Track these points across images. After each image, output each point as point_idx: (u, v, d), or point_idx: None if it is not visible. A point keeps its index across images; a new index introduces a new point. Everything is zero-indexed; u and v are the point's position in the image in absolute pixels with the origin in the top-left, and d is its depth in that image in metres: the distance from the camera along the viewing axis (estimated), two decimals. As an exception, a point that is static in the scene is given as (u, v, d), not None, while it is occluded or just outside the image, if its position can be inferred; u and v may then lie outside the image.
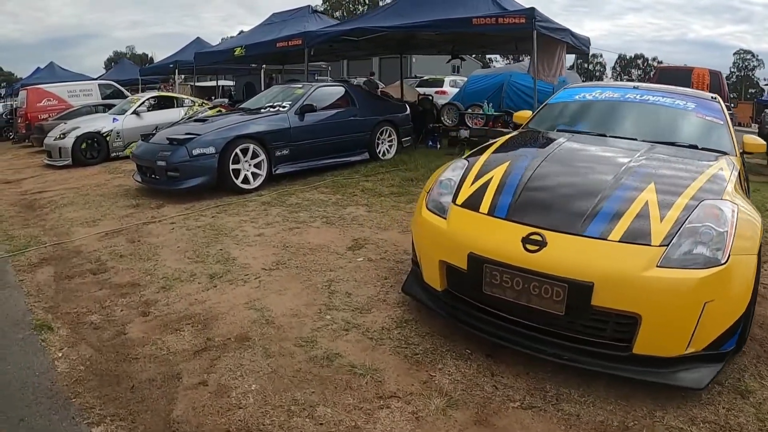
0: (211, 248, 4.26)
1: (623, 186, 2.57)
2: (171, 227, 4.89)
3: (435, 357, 2.60)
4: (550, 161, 2.94)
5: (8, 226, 5.27)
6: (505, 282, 2.35)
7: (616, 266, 2.19)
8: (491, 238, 2.47)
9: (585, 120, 3.91)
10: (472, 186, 2.79)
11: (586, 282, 2.16)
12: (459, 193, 2.77)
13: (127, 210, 5.59)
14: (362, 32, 8.75)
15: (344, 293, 3.35)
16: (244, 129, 6.11)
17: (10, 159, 11.09)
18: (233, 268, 3.84)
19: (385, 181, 6.64)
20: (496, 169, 2.88)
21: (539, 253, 2.28)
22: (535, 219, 2.44)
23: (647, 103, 3.89)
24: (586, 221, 2.36)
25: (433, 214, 2.78)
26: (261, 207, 5.51)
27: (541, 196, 2.63)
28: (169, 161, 5.62)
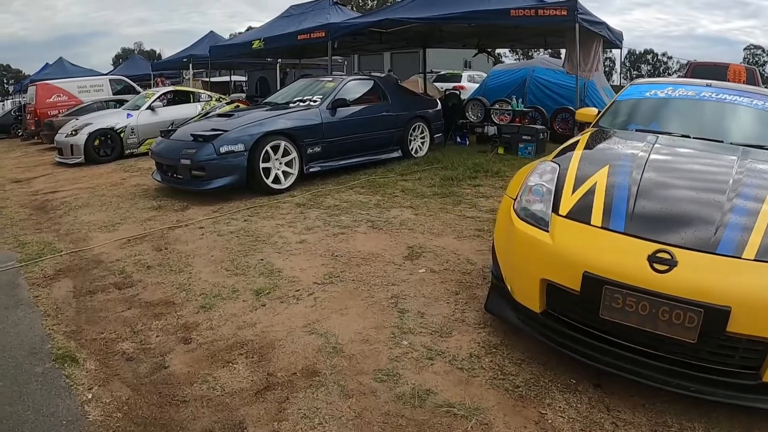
0: (250, 258, 3.74)
1: (742, 196, 2.33)
2: (200, 233, 4.38)
3: (539, 390, 2.18)
4: (653, 168, 2.62)
5: (19, 231, 4.77)
6: (628, 306, 2.03)
7: (756, 288, 1.95)
8: (611, 255, 2.14)
9: (663, 119, 3.64)
10: (575, 194, 2.45)
11: (724, 306, 1.91)
12: (560, 202, 2.43)
13: (148, 212, 5.07)
14: (391, 23, 8.21)
15: (415, 312, 2.85)
16: (275, 125, 5.59)
17: (19, 156, 10.60)
18: (280, 282, 3.32)
19: (424, 180, 6.13)
20: (596, 175, 2.54)
21: (670, 274, 1.99)
22: (658, 234, 2.14)
23: (725, 102, 3.68)
24: (715, 237, 2.09)
25: (530, 225, 2.41)
26: (296, 209, 4.99)
27: (657, 207, 2.32)
28: (195, 160, 5.10)
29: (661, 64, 47.74)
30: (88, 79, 13.52)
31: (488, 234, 4.05)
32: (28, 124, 12.71)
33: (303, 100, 6.32)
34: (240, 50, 10.47)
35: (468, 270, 3.41)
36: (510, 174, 6.49)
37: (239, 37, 10.99)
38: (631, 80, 5.81)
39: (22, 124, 13.93)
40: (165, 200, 5.48)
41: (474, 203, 5.08)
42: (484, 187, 5.81)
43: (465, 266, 3.48)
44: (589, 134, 3.47)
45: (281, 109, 6.07)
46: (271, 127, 5.53)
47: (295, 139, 5.71)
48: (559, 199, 2.45)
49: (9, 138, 15.45)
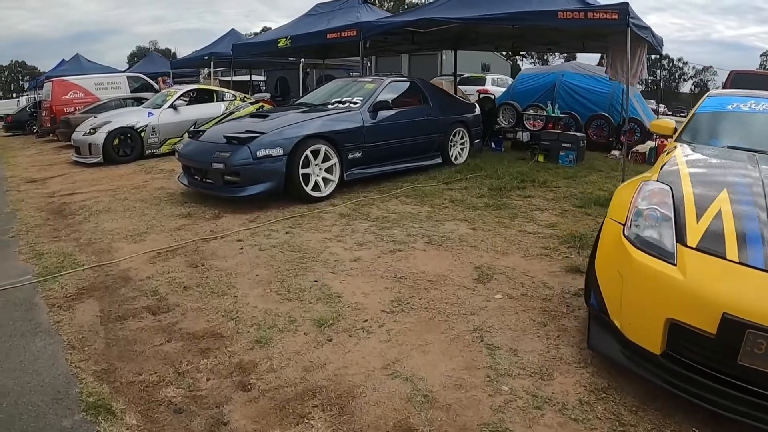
0: (301, 278, 3.25)
1: None
2: (238, 246, 3.89)
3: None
4: None
5: (35, 239, 4.30)
6: None
7: None
8: (755, 296, 1.89)
9: (754, 136, 3.43)
10: (701, 223, 2.19)
11: None
12: (685, 231, 2.17)
13: (177, 221, 4.59)
14: (428, 23, 7.74)
15: (506, 349, 2.43)
16: (315, 127, 5.11)
17: (34, 154, 10.18)
18: (343, 309, 2.82)
19: (471, 190, 5.66)
20: (717, 200, 2.30)
21: None
22: None
23: None
24: None
25: (650, 255, 2.12)
26: (341, 221, 4.50)
27: None
28: (229, 164, 4.62)
29: (677, 70, 46.80)
30: (106, 76, 13.13)
31: (556, 253, 3.71)
32: (43, 121, 12.33)
33: (342, 102, 5.84)
34: (264, 49, 10.01)
35: (547, 296, 3.01)
36: (558, 185, 6.07)
37: (264, 35, 10.56)
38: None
39: (37, 120, 13.58)
40: (194, 207, 5.00)
41: (531, 217, 4.64)
42: (535, 198, 5.37)
43: (542, 291, 3.07)
44: (680, 151, 3.16)
45: (319, 111, 5.58)
46: (311, 129, 5.05)
47: (335, 144, 5.23)
48: (684, 227, 2.18)
49: (24, 135, 15.11)
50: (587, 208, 4.89)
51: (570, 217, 4.61)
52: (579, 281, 3.10)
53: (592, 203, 4.99)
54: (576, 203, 5.06)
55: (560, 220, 4.49)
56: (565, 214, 4.69)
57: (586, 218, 4.54)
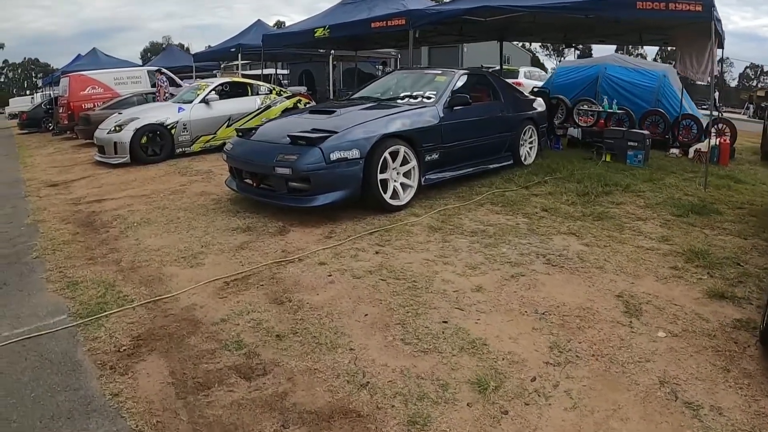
0: (424, 318, 2.46)
1: None
2: (324, 272, 3.06)
3: None
4: None
5: (64, 260, 3.49)
6: None
7: None
8: None
9: None
10: None
11: None
12: None
13: (235, 236, 3.77)
14: (490, 12, 6.87)
15: (708, 407, 1.91)
16: (393, 125, 4.27)
17: (52, 153, 9.38)
18: (498, 364, 2.10)
19: (557, 196, 4.89)
20: None
21: None
22: None
23: None
24: None
25: None
26: (434, 236, 3.68)
27: None
28: (297, 168, 3.79)
29: None
30: (125, 70, 12.33)
31: (688, 274, 3.15)
32: (60, 118, 11.54)
33: (413, 96, 5.00)
34: (297, 39, 9.17)
35: (708, 331, 2.50)
36: (641, 189, 5.27)
37: (296, 25, 9.71)
38: None
39: (54, 118, 12.82)
40: (251, 218, 4.18)
41: (637, 229, 3.99)
42: (627, 205, 4.68)
43: (701, 325, 2.56)
44: None
45: (389, 107, 4.73)
46: (389, 128, 4.21)
47: (413, 144, 4.40)
48: None
49: (40, 132, 14.35)
50: (686, 217, 4.29)
51: (676, 228, 4.03)
52: (728, 310, 2.72)
53: (689, 211, 4.41)
54: (673, 211, 4.44)
55: (668, 232, 3.92)
56: (668, 225, 4.11)
57: (693, 230, 4.00)
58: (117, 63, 14.88)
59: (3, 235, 4.24)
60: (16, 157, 9.24)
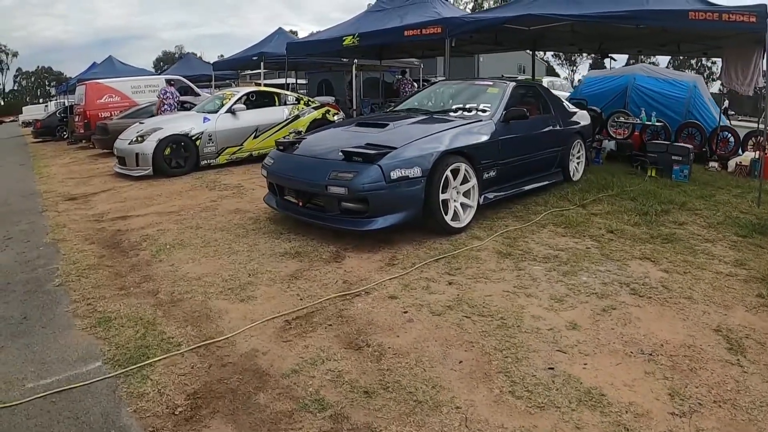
0: (527, 365, 2.14)
1: None
2: (398, 307, 2.63)
3: None
4: None
5: (92, 290, 3.06)
6: None
7: None
8: None
9: None
10: None
11: None
12: None
13: (285, 263, 3.33)
14: (533, 20, 6.50)
15: None
16: (452, 141, 3.86)
17: (69, 164, 9.01)
18: (623, 418, 1.84)
19: (617, 215, 4.54)
20: None
21: None
22: None
23: None
24: None
25: None
26: (505, 262, 3.28)
27: None
28: (354, 188, 3.36)
29: (705, 69, 44.89)
30: (143, 78, 12.02)
31: None
32: (76, 127, 11.20)
33: (467, 109, 4.58)
34: (324, 47, 8.81)
35: None
36: (697, 207, 4.99)
37: (322, 33, 9.37)
38: None
39: (69, 126, 12.51)
40: (296, 240, 3.74)
41: (709, 252, 3.69)
42: (689, 226, 4.34)
43: None
44: None
45: (443, 120, 4.31)
46: (450, 143, 3.80)
47: (472, 161, 3.97)
48: None
49: (54, 141, 14.03)
50: (751, 237, 4.06)
51: (746, 251, 3.77)
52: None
53: (752, 231, 4.16)
54: (737, 231, 4.20)
55: (740, 255, 3.66)
56: (737, 247, 3.85)
57: (763, 252, 3.76)
58: (133, 71, 14.61)
59: (21, 256, 3.83)
60: (31, 167, 8.87)
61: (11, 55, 64.63)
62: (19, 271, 3.50)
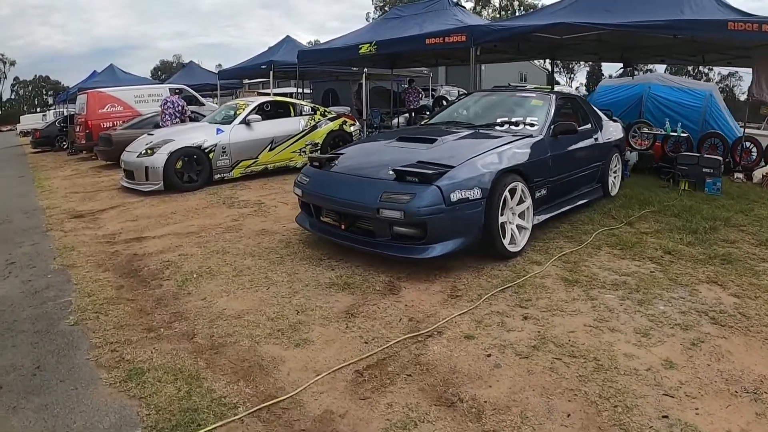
0: (637, 414, 1.88)
1: None
2: (477, 349, 2.26)
3: None
4: None
5: (114, 331, 2.63)
6: None
7: None
8: None
9: None
10: None
11: None
12: None
13: (335, 296, 2.91)
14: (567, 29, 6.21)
15: None
16: (509, 159, 3.50)
17: (71, 176, 8.52)
18: None
19: (664, 233, 4.21)
20: None
21: None
22: None
23: None
24: None
25: None
26: (574, 291, 2.98)
27: None
28: (412, 212, 2.96)
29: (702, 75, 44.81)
30: (146, 87, 11.55)
31: None
32: (77, 137, 10.71)
33: (513, 123, 4.22)
34: (338, 55, 8.45)
35: None
36: (741, 222, 4.65)
37: (335, 41, 9.02)
38: None
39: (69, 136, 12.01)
40: (340, 267, 3.33)
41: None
42: (741, 244, 4.06)
43: None
44: None
45: (490, 136, 3.92)
46: (508, 161, 3.44)
47: (526, 180, 3.61)
48: None
49: (54, 151, 13.50)
50: None
51: None
52: None
53: None
54: None
55: None
56: None
57: None
58: (135, 80, 14.13)
59: (26, 286, 3.38)
60: (32, 180, 8.38)
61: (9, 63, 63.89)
62: (26, 305, 3.06)
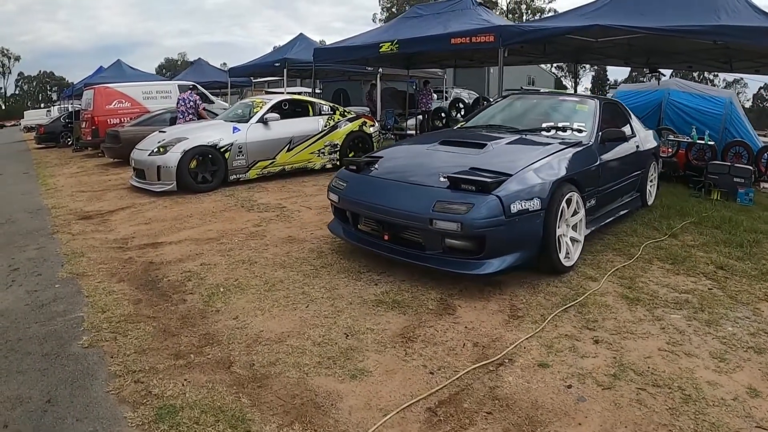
0: None
1: None
2: (555, 379, 1.94)
3: None
4: None
5: (135, 356, 2.28)
6: None
7: None
8: None
9: None
10: None
11: None
12: None
13: (385, 315, 2.56)
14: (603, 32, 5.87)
15: None
16: (566, 167, 3.17)
17: (77, 174, 8.13)
18: None
19: (711, 247, 3.93)
20: None
21: None
22: None
23: None
24: None
25: None
26: (637, 309, 2.70)
27: None
28: (470, 223, 2.61)
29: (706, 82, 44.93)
30: (155, 84, 11.16)
31: None
32: (83, 133, 10.31)
33: (561, 128, 3.87)
34: (357, 54, 8.08)
35: None
36: None
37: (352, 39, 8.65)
38: None
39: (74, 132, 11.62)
40: (383, 281, 2.97)
41: None
42: None
43: None
44: None
45: (538, 143, 3.56)
46: (565, 170, 3.12)
47: (580, 189, 3.28)
48: None
49: (58, 147, 13.09)
50: None
51: None
52: None
53: None
54: None
55: None
56: None
57: None
58: (144, 76, 13.73)
59: (32, 297, 3.01)
60: (36, 177, 7.99)
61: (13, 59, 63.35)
62: (32, 321, 2.70)
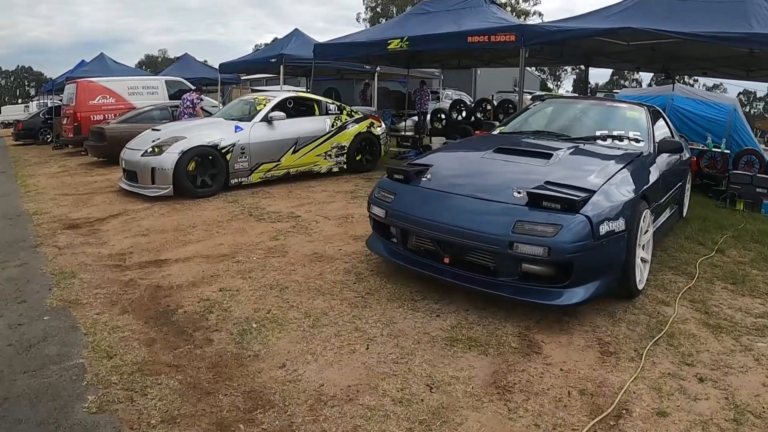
0: None
1: None
2: (679, 430, 1.48)
3: None
4: None
5: (163, 428, 1.73)
6: None
7: None
8: None
9: None
10: None
11: None
12: None
13: (466, 358, 2.07)
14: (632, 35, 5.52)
15: None
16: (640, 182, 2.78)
17: (58, 174, 7.30)
18: None
19: (759, 263, 3.66)
20: None
21: None
22: None
23: None
24: None
25: None
26: (723, 339, 2.36)
27: None
28: (558, 248, 2.15)
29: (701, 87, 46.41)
30: (141, 79, 10.32)
31: None
32: (65, 130, 9.41)
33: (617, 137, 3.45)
34: (361, 50, 7.53)
35: None
36: None
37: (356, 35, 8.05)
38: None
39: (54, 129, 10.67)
40: (446, 312, 2.47)
41: None
42: None
43: None
44: None
45: (599, 155, 3.10)
46: (640, 185, 2.74)
47: (649, 205, 2.88)
48: None
49: (37, 145, 12.05)
50: None
51: None
52: None
53: None
54: None
55: None
56: None
57: None
58: (128, 71, 12.77)
59: (15, 332, 2.41)
60: (14, 176, 7.15)
61: (-10, 53, 59.97)
62: (18, 370, 2.09)
